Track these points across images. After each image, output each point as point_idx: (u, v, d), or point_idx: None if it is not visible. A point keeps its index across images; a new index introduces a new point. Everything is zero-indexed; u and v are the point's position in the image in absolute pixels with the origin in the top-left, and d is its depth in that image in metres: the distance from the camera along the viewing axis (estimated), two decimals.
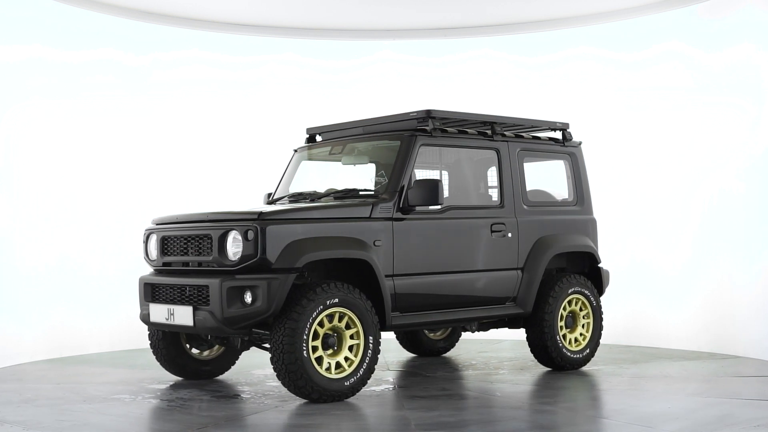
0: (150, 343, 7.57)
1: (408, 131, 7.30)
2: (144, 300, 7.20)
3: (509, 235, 7.68)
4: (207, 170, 10.67)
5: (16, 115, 9.21)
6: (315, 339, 6.47)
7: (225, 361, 7.80)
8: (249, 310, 6.35)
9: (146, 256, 7.32)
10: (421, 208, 7.08)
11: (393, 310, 6.96)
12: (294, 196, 7.70)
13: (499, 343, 10.08)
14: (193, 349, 7.64)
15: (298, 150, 8.25)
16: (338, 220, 6.76)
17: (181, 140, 10.56)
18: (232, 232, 6.48)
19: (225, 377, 7.82)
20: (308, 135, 8.29)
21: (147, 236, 7.30)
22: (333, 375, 6.53)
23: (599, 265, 8.43)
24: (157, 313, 6.97)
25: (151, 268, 7.39)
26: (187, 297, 6.70)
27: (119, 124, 10.17)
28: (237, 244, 6.43)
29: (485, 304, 7.60)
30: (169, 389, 7.31)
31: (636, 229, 10.21)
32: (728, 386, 7.31)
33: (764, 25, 9.06)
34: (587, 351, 8.18)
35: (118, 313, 9.72)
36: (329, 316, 6.54)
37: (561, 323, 8.00)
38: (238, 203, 9.09)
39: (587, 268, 8.44)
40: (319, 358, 6.49)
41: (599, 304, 8.32)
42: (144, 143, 10.33)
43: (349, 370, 6.59)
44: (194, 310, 6.57)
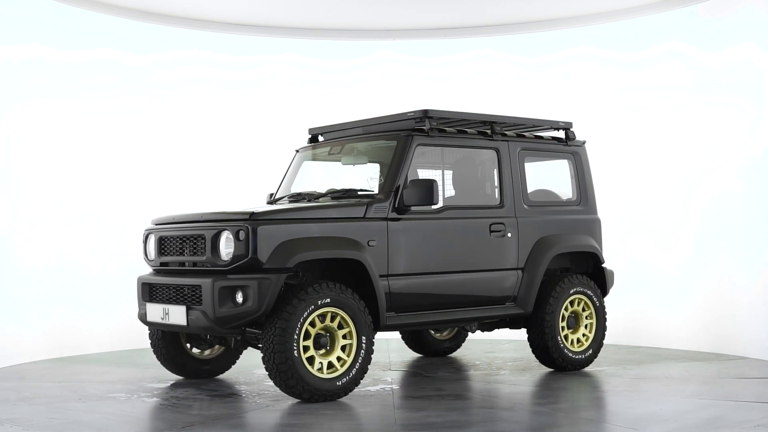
0: (150, 342, 7.61)
1: (405, 131, 7.30)
2: (142, 299, 7.25)
3: (509, 235, 7.66)
4: (207, 170, 10.67)
5: (16, 115, 9.22)
6: (306, 339, 6.48)
7: (225, 361, 7.82)
8: (240, 310, 6.37)
9: (145, 256, 7.36)
10: (418, 208, 7.07)
11: (388, 310, 6.95)
12: (294, 196, 7.70)
13: (507, 344, 10.00)
14: (193, 349, 7.67)
15: (300, 150, 8.26)
16: (331, 220, 6.76)
17: (181, 140, 10.56)
18: (225, 232, 6.50)
19: (225, 376, 7.83)
20: (310, 135, 8.29)
21: (146, 236, 7.34)
22: (325, 375, 6.53)
23: (603, 266, 8.39)
24: (154, 312, 7.02)
25: (150, 268, 7.42)
26: (181, 297, 6.74)
27: (119, 124, 10.17)
28: (229, 244, 6.46)
29: (484, 304, 7.58)
30: (167, 388, 7.33)
31: (636, 229, 10.21)
32: (728, 388, 7.25)
33: (764, 25, 9.05)
34: (590, 352, 8.14)
35: (118, 313, 9.72)
36: (321, 316, 6.54)
37: (563, 324, 7.95)
38: (238, 203, 9.10)
39: (591, 268, 8.39)
40: (310, 358, 6.50)
41: (602, 304, 8.26)
42: (144, 143, 10.33)
43: (341, 370, 6.60)
44: (187, 309, 6.61)
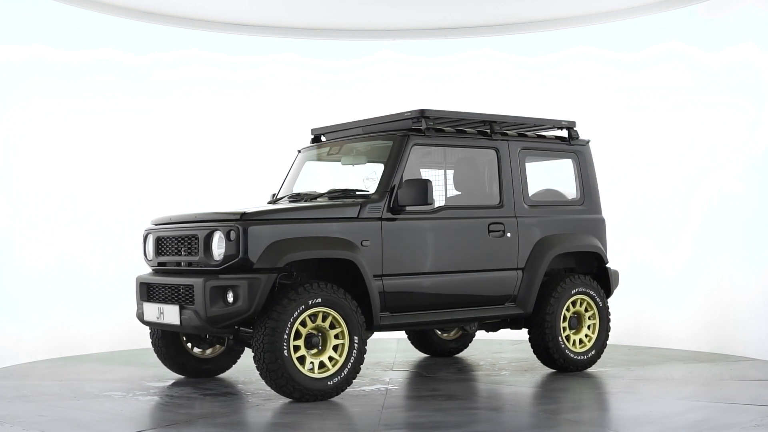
0: (151, 341, 7.65)
1: (401, 131, 7.29)
2: (140, 299, 7.30)
3: (508, 235, 7.64)
4: (206, 170, 10.67)
5: (16, 115, 9.22)
6: (297, 338, 6.49)
7: (226, 360, 7.83)
8: (231, 310, 6.40)
9: (145, 256, 7.40)
10: (413, 208, 7.06)
11: (383, 310, 6.95)
12: (294, 197, 7.71)
13: (516, 344, 9.87)
14: (194, 348, 7.68)
15: (302, 150, 8.26)
16: (324, 220, 6.77)
17: (181, 140, 10.56)
18: (217, 232, 6.52)
19: (226, 376, 7.84)
20: (313, 135, 8.30)
21: (145, 236, 7.37)
22: (316, 374, 6.53)
23: (607, 266, 8.33)
24: (150, 312, 7.07)
25: (149, 268, 7.45)
26: (175, 296, 6.78)
27: (119, 124, 10.17)
28: (221, 244, 6.49)
29: (483, 304, 7.56)
30: (165, 387, 7.34)
31: (636, 229, 10.20)
32: (726, 390, 7.16)
33: (764, 25, 9.05)
34: (592, 353, 8.06)
35: (118, 313, 9.72)
36: (313, 316, 6.55)
37: (564, 324, 7.91)
38: (238, 203, 9.09)
39: (595, 268, 8.34)
40: (301, 358, 6.50)
41: (606, 305, 8.18)
42: (144, 143, 10.33)
43: (333, 369, 6.60)
44: (180, 309, 6.65)
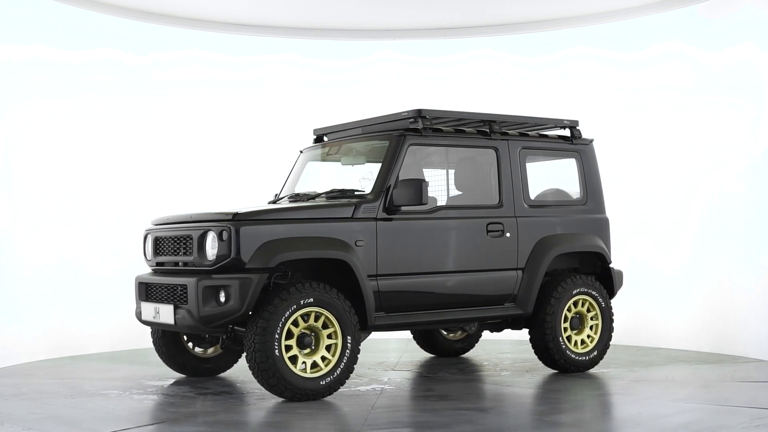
0: (152, 340, 7.67)
1: (398, 131, 7.28)
2: (138, 298, 7.33)
3: (507, 234, 7.62)
4: (206, 170, 10.67)
5: (16, 115, 9.22)
6: (289, 338, 6.50)
7: (227, 359, 7.85)
8: (223, 309, 6.42)
9: (144, 256, 7.42)
10: (409, 208, 7.04)
11: (378, 310, 6.95)
12: (294, 197, 7.71)
13: (524, 345, 9.61)
14: (195, 348, 7.70)
15: (304, 151, 8.26)
16: (318, 220, 6.77)
17: (181, 140, 10.56)
18: (210, 232, 6.55)
19: (226, 375, 7.85)
20: (315, 136, 8.30)
21: (145, 237, 7.39)
22: (308, 374, 6.54)
23: (611, 266, 8.27)
24: (147, 311, 7.11)
25: (149, 268, 7.47)
26: (170, 296, 6.81)
27: (119, 124, 10.17)
28: (214, 244, 6.51)
29: (481, 305, 7.54)
30: (164, 386, 7.35)
31: (636, 229, 10.20)
32: (723, 391, 7.08)
33: (764, 25, 9.05)
34: (594, 353, 8.00)
35: (118, 313, 9.72)
36: (305, 316, 6.55)
37: (565, 324, 7.87)
38: (237, 203, 9.09)
39: (599, 268, 8.29)
40: (293, 357, 6.51)
41: (609, 305, 8.11)
42: (144, 143, 10.33)
43: (325, 369, 6.60)
44: (175, 308, 6.69)
